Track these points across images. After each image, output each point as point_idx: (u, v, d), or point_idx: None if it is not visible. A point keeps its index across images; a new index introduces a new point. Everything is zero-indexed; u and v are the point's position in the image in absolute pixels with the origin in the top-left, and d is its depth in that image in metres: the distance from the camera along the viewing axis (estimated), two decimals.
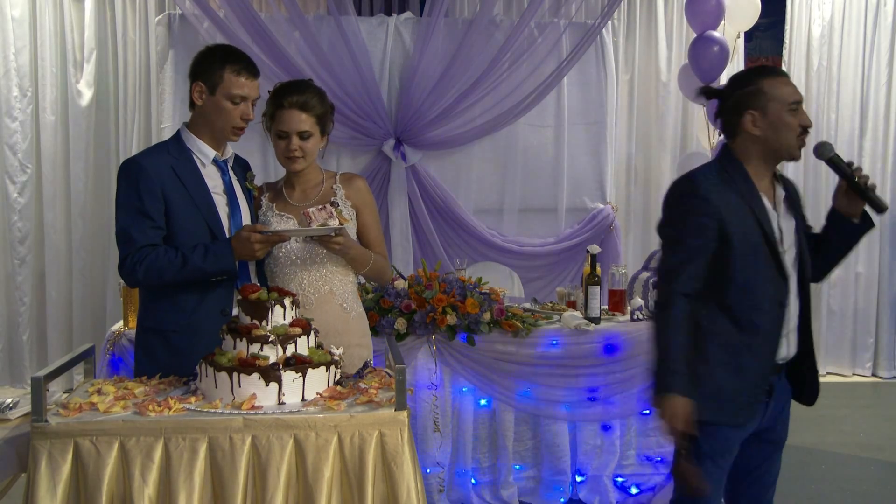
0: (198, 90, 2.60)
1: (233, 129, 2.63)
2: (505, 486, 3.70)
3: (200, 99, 2.60)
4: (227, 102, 2.58)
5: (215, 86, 2.58)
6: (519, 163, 5.31)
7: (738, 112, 2.34)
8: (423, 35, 4.89)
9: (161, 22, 4.97)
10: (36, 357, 5.58)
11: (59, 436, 2.07)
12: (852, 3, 6.17)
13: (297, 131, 2.70)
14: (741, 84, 2.36)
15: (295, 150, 2.71)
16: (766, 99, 2.30)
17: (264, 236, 2.54)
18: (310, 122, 2.71)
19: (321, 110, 2.74)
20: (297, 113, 2.69)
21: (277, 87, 2.77)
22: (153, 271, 2.51)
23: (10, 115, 5.40)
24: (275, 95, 2.74)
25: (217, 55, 2.61)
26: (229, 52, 2.65)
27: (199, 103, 2.61)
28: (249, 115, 2.63)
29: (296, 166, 2.75)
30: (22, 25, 5.40)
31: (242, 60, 2.61)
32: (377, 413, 2.15)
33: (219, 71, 2.57)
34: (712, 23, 5.13)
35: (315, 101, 2.72)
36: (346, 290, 2.80)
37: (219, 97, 2.58)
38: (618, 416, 3.75)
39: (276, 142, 2.75)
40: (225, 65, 2.57)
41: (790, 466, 4.33)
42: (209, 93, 2.59)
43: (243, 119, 2.62)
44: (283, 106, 2.70)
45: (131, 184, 2.53)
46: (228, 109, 2.59)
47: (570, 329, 3.68)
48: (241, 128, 2.64)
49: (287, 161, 2.75)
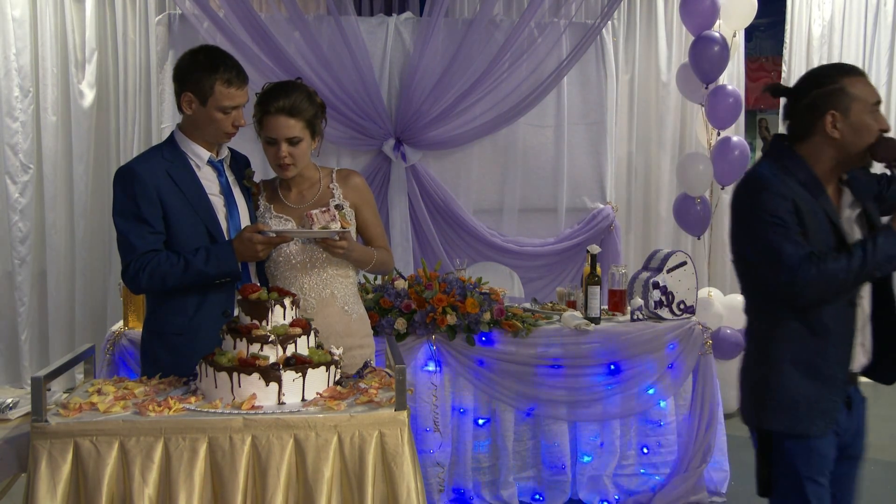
0: (187, 100, 2.55)
1: (225, 135, 2.61)
2: (505, 486, 3.70)
3: (190, 109, 2.56)
4: (218, 113, 2.54)
5: (206, 97, 2.53)
6: (519, 163, 5.31)
7: (815, 112, 2.19)
8: (423, 35, 4.89)
9: (161, 22, 4.97)
10: (36, 357, 5.58)
11: (59, 436, 2.07)
12: (852, 3, 6.17)
13: (285, 138, 2.62)
14: (820, 82, 2.21)
15: (285, 158, 2.64)
16: (848, 99, 2.16)
17: (267, 237, 2.54)
18: (298, 128, 2.63)
19: (310, 113, 2.65)
20: (285, 119, 2.60)
21: (264, 91, 2.68)
22: (156, 277, 2.51)
23: (11, 116, 5.40)
24: (261, 100, 2.65)
25: (205, 64, 2.53)
26: (216, 59, 2.56)
27: (189, 113, 2.57)
28: (241, 122, 2.59)
29: (287, 173, 2.69)
30: (23, 26, 5.40)
31: (232, 70, 2.55)
32: (377, 413, 2.15)
33: (208, 83, 2.51)
34: (707, 22, 5.13)
35: (304, 104, 2.63)
36: (347, 293, 2.79)
37: (210, 109, 2.54)
38: (618, 416, 3.75)
39: (266, 148, 2.68)
40: (215, 76, 2.51)
41: None
42: (200, 103, 2.54)
43: (234, 126, 2.59)
44: (270, 112, 2.61)
45: (127, 191, 2.52)
46: (220, 119, 2.55)
47: (570, 329, 3.68)
48: (232, 133, 2.62)
49: (278, 168, 2.69)
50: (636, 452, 3.82)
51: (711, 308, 5.05)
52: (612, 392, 3.72)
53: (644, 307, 3.81)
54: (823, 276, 2.12)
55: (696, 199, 5.27)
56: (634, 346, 3.71)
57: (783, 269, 2.14)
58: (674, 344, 3.76)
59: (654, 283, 3.79)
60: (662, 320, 3.79)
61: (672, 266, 3.83)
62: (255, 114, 2.68)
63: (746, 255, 2.29)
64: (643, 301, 3.82)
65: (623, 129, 5.99)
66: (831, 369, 2.23)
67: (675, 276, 3.81)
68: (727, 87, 5.26)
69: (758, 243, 2.20)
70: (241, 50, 4.42)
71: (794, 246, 2.14)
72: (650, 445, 3.82)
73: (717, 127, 5.26)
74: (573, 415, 3.71)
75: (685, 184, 5.34)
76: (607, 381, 3.71)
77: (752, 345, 2.36)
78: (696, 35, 5.17)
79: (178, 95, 2.58)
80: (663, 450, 3.81)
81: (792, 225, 2.15)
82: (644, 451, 3.82)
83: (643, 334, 3.73)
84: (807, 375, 2.22)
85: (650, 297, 3.79)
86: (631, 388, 3.72)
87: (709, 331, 3.86)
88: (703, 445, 3.77)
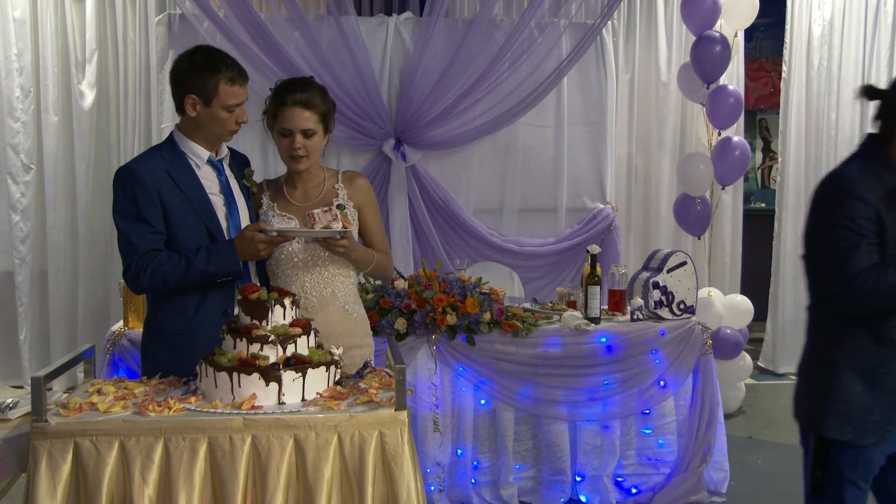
0: (191, 102, 2.56)
1: (229, 133, 2.63)
2: (505, 486, 3.70)
3: (194, 111, 2.57)
4: (223, 112, 2.56)
5: (210, 98, 2.54)
6: (519, 163, 5.31)
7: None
8: (423, 35, 4.89)
9: (161, 22, 4.97)
10: (36, 357, 5.58)
11: (59, 436, 2.07)
12: (852, 3, 6.16)
13: (300, 129, 2.67)
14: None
15: (299, 149, 2.68)
16: None
17: (268, 236, 2.54)
18: (313, 120, 2.68)
19: (324, 108, 2.71)
20: (301, 110, 2.66)
21: (280, 85, 2.73)
22: (157, 277, 2.51)
23: (12, 116, 5.40)
24: (277, 93, 2.70)
25: (205, 65, 2.55)
26: (216, 59, 2.58)
27: (193, 115, 2.57)
28: (244, 119, 2.62)
29: (300, 165, 2.72)
30: (23, 26, 5.41)
31: (233, 68, 2.57)
32: (377, 413, 2.15)
33: (212, 83, 2.53)
34: (708, 22, 5.13)
35: (318, 99, 2.69)
36: (347, 292, 2.80)
37: (215, 109, 2.55)
38: (618, 416, 3.75)
39: (279, 140, 2.71)
40: (218, 76, 2.53)
41: (791, 466, 4.34)
42: (204, 104, 2.55)
43: (238, 123, 2.61)
44: (286, 103, 2.66)
45: (127, 191, 2.52)
46: (225, 118, 2.57)
47: (570, 329, 3.68)
48: (236, 131, 2.63)
49: (291, 160, 2.72)
50: (636, 452, 3.82)
51: (711, 308, 5.05)
52: (612, 392, 3.72)
53: (644, 307, 3.81)
54: (881, 289, 2.12)
55: (697, 199, 5.27)
56: (634, 346, 3.71)
57: (842, 278, 2.14)
58: (674, 344, 3.76)
59: (654, 283, 3.79)
60: (662, 320, 3.79)
61: (672, 266, 3.83)
62: (269, 108, 2.72)
63: (815, 255, 2.28)
64: (643, 301, 3.82)
65: (623, 129, 5.99)
66: (892, 381, 2.21)
67: (675, 276, 3.82)
68: (728, 87, 5.26)
69: (827, 246, 2.19)
70: (241, 50, 4.42)
71: (860, 256, 2.13)
72: (650, 445, 3.82)
73: (718, 127, 5.26)
74: (573, 415, 3.71)
75: (685, 184, 5.34)
76: (607, 381, 3.71)
77: (814, 346, 2.34)
78: (697, 35, 5.17)
79: (180, 98, 2.58)
80: (663, 450, 3.81)
81: (868, 234, 2.14)
82: (644, 452, 3.82)
83: (643, 334, 3.73)
84: (865, 384, 2.21)
85: (650, 297, 3.79)
86: (631, 388, 3.72)
87: (709, 331, 3.85)
88: (703, 445, 3.77)
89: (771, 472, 4.30)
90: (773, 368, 6.36)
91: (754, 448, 4.70)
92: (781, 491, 3.99)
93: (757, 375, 6.12)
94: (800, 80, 6.20)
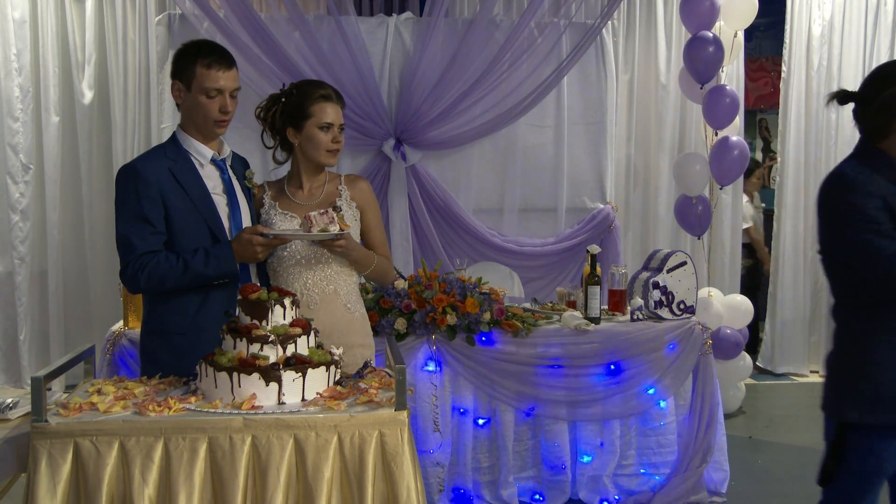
0: (176, 88, 2.61)
1: (215, 123, 2.61)
2: (505, 486, 3.70)
3: (180, 97, 2.61)
4: (202, 97, 2.56)
5: (190, 82, 2.57)
6: (519, 163, 5.31)
7: (891, 111, 2.30)
8: (423, 35, 4.89)
9: (161, 22, 4.97)
10: (36, 357, 5.58)
11: (59, 436, 2.07)
12: (852, 3, 6.17)
13: (339, 124, 2.75)
14: (888, 83, 2.33)
15: (340, 142, 2.76)
16: None
17: (266, 239, 2.54)
18: (342, 116, 2.78)
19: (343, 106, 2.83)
20: (335, 106, 2.75)
21: (304, 84, 2.79)
22: (154, 278, 2.51)
23: (12, 116, 5.40)
24: (308, 91, 2.73)
25: (189, 51, 2.60)
26: (200, 46, 2.62)
27: (179, 101, 2.62)
28: (227, 107, 2.60)
29: (334, 160, 2.79)
30: (23, 26, 5.41)
31: (213, 53, 2.58)
32: (377, 413, 2.15)
33: (191, 66, 2.56)
34: (707, 22, 5.13)
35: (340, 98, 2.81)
36: (349, 291, 2.80)
37: (195, 93, 2.57)
38: (618, 416, 3.75)
39: (315, 135, 2.72)
40: (196, 59, 2.56)
41: (791, 466, 4.34)
42: (186, 89, 2.59)
43: (222, 112, 2.59)
44: (330, 99, 2.73)
45: (130, 190, 2.53)
46: (204, 104, 2.57)
47: (570, 329, 3.68)
48: (222, 121, 2.61)
49: (329, 155, 2.76)
50: (636, 452, 3.82)
51: (711, 308, 5.05)
52: (612, 392, 3.72)
53: (644, 307, 3.81)
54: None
55: (693, 198, 5.27)
56: (634, 346, 3.71)
57: (881, 262, 2.20)
58: (674, 344, 3.76)
59: (654, 283, 3.79)
60: (662, 320, 3.79)
61: (672, 266, 3.83)
62: (299, 104, 2.71)
63: (838, 254, 2.34)
64: (643, 301, 3.82)
65: (623, 129, 5.99)
66: None
67: (675, 276, 3.82)
68: (725, 87, 5.26)
69: (851, 242, 2.26)
70: (241, 50, 4.42)
71: (888, 241, 2.20)
72: (650, 445, 3.82)
73: (715, 127, 5.25)
74: (573, 415, 3.71)
75: (682, 184, 5.34)
76: (607, 381, 3.71)
77: (844, 339, 2.38)
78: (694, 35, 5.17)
79: (171, 89, 2.64)
80: (663, 450, 3.81)
81: (884, 221, 2.22)
82: (644, 451, 3.82)
83: (643, 334, 3.73)
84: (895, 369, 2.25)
85: (650, 297, 3.80)
86: (631, 388, 3.72)
87: (709, 331, 3.86)
88: (703, 445, 3.77)
89: (771, 472, 4.30)
90: (772, 368, 6.36)
91: (754, 448, 4.70)
92: (781, 491, 4.00)
93: (756, 375, 6.13)
94: (799, 80, 6.21)
